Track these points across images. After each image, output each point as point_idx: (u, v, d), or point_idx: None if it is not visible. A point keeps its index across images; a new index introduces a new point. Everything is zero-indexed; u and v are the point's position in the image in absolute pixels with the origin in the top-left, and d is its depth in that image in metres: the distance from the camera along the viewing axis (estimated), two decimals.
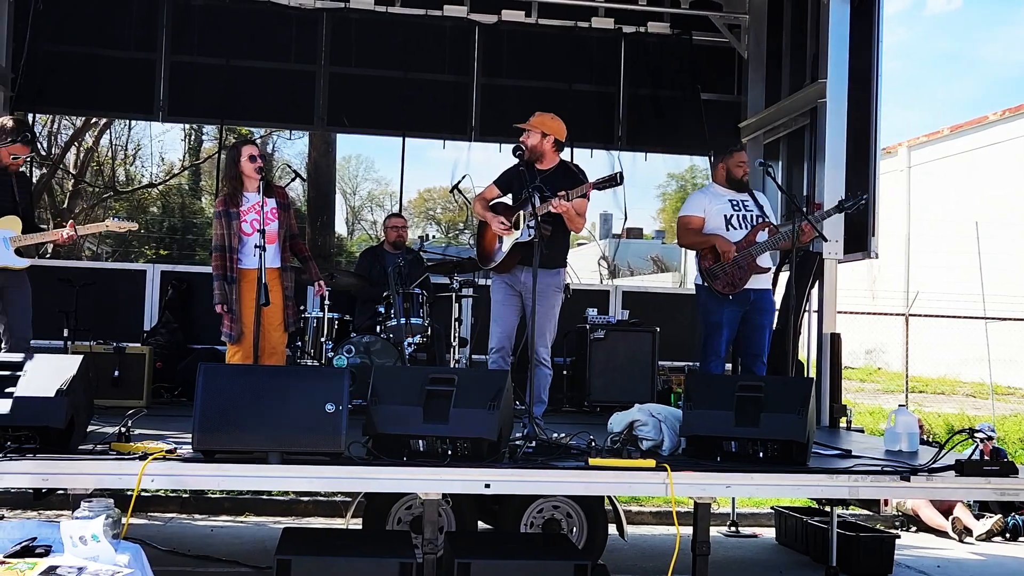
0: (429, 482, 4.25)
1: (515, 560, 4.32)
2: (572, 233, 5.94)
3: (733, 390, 4.66)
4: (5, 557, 3.57)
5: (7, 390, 4.12)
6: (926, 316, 13.74)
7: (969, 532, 7.22)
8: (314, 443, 4.16)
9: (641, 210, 34.67)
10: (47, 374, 4.18)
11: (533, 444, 4.67)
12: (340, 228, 32.09)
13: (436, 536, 4.36)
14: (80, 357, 4.34)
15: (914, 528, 7.57)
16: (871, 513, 7.32)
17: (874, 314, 14.40)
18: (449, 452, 4.29)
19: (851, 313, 12.75)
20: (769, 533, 7.29)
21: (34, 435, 4.08)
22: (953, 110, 70.94)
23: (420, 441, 4.33)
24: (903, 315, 13.12)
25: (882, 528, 7.00)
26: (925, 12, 79.09)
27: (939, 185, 20.00)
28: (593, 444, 4.68)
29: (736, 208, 6.24)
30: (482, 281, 7.23)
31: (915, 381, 15.01)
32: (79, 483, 4.07)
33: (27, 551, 3.61)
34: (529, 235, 5.44)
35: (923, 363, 16.07)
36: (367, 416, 4.39)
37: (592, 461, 4.38)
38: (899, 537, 6.61)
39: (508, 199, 5.86)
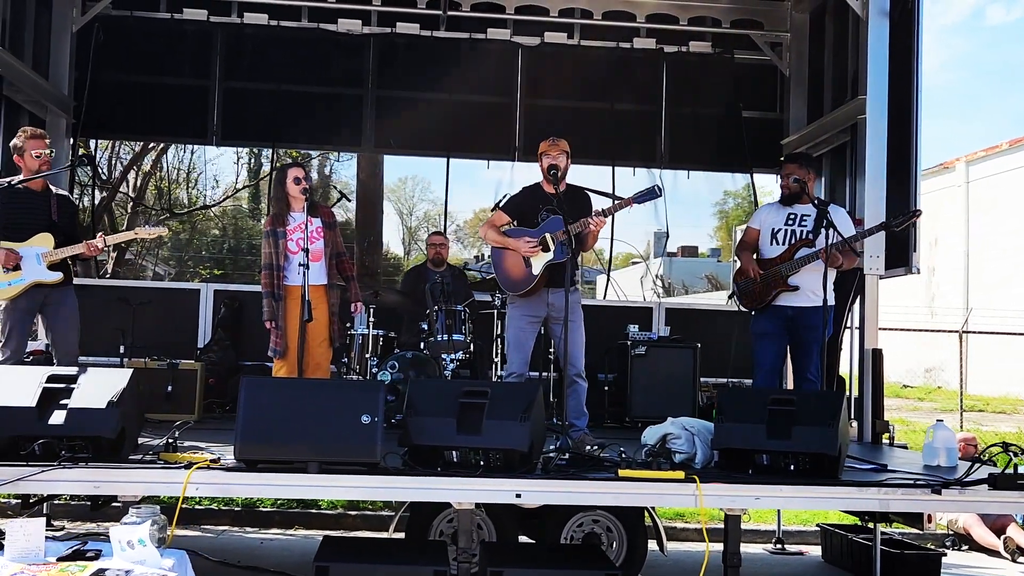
0: (462, 491, 4.35)
1: (547, 570, 4.41)
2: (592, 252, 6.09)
3: (765, 403, 4.67)
4: (57, 560, 3.75)
5: (62, 402, 4.31)
6: (980, 333, 13.46)
7: (1022, 552, 7.09)
8: (351, 453, 4.29)
9: (697, 228, 34.40)
10: (99, 387, 4.35)
11: (566, 456, 4.74)
12: (397, 248, 32.44)
13: (471, 545, 4.44)
14: (130, 371, 4.52)
15: (966, 547, 7.45)
16: (920, 531, 7.22)
17: (928, 331, 14.16)
18: (482, 463, 4.38)
19: (907, 330, 12.57)
20: (815, 551, 7.24)
21: (87, 445, 4.26)
22: (1012, 123, 69.04)
23: (454, 452, 4.43)
24: (957, 332, 12.89)
25: (929, 546, 6.91)
26: (985, 23, 77.60)
27: (999, 200, 19.63)
28: (624, 456, 4.75)
29: (790, 223, 6.20)
30: None
31: (975, 400, 14.70)
32: (128, 490, 4.27)
33: (78, 555, 3.77)
34: (564, 255, 5.57)
35: (983, 382, 15.71)
36: (403, 428, 4.51)
37: (622, 472, 4.44)
38: (945, 555, 6.54)
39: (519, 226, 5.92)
